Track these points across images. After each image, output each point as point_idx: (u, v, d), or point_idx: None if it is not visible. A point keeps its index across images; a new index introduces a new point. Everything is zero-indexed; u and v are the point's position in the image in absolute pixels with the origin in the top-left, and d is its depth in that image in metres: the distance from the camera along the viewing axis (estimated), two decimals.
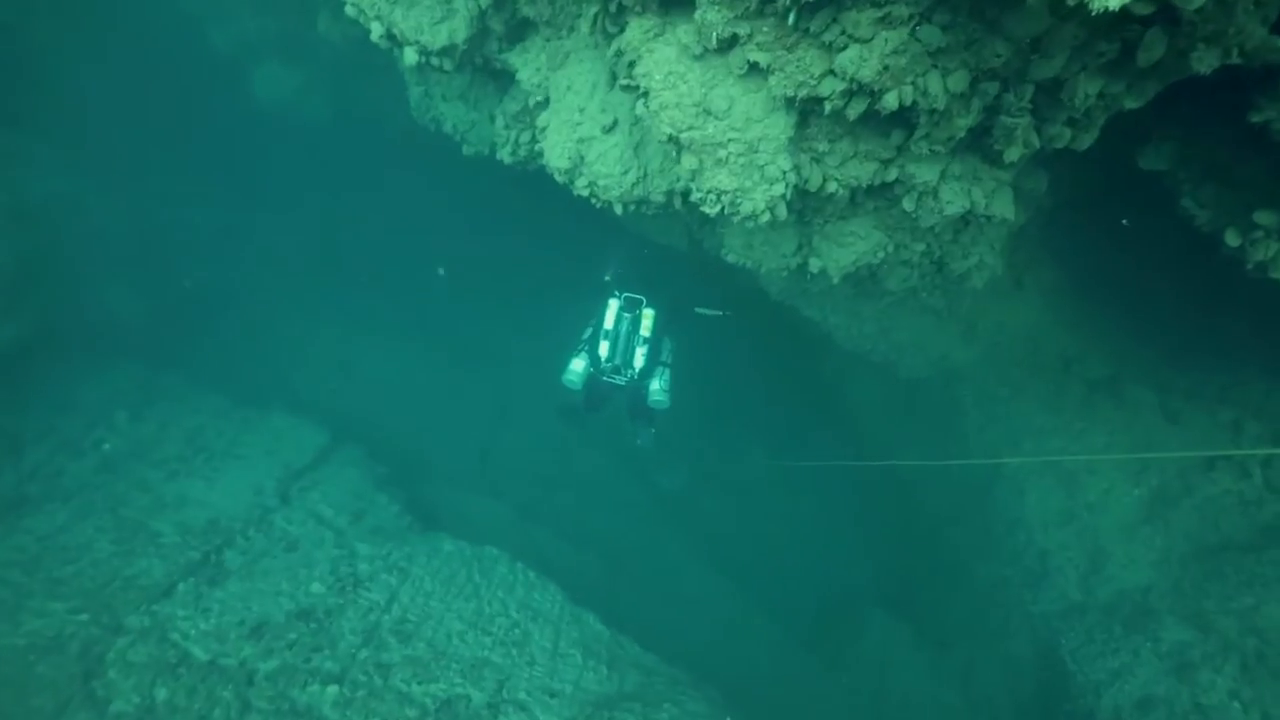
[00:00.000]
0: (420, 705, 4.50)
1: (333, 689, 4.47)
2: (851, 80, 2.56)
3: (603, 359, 4.99)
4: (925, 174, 3.07)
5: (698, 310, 5.21)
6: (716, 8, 2.67)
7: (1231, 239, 3.01)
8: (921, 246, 3.69)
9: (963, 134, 2.80)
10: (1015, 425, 6.71)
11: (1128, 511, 6.11)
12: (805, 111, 2.93)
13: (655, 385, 5.00)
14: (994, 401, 6.87)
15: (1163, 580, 5.73)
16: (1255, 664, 4.93)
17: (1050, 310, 6.26)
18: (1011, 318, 6.26)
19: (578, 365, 4.98)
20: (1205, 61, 2.33)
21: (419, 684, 4.62)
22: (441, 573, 5.59)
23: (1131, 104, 2.74)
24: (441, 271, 9.12)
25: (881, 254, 3.65)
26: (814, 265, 3.97)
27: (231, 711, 4.26)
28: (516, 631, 5.20)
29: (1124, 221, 4.18)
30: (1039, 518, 6.52)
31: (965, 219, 3.34)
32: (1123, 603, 5.81)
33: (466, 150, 5.67)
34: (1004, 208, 3.22)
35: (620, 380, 5.05)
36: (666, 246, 6.21)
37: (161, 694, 4.29)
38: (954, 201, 3.11)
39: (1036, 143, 2.88)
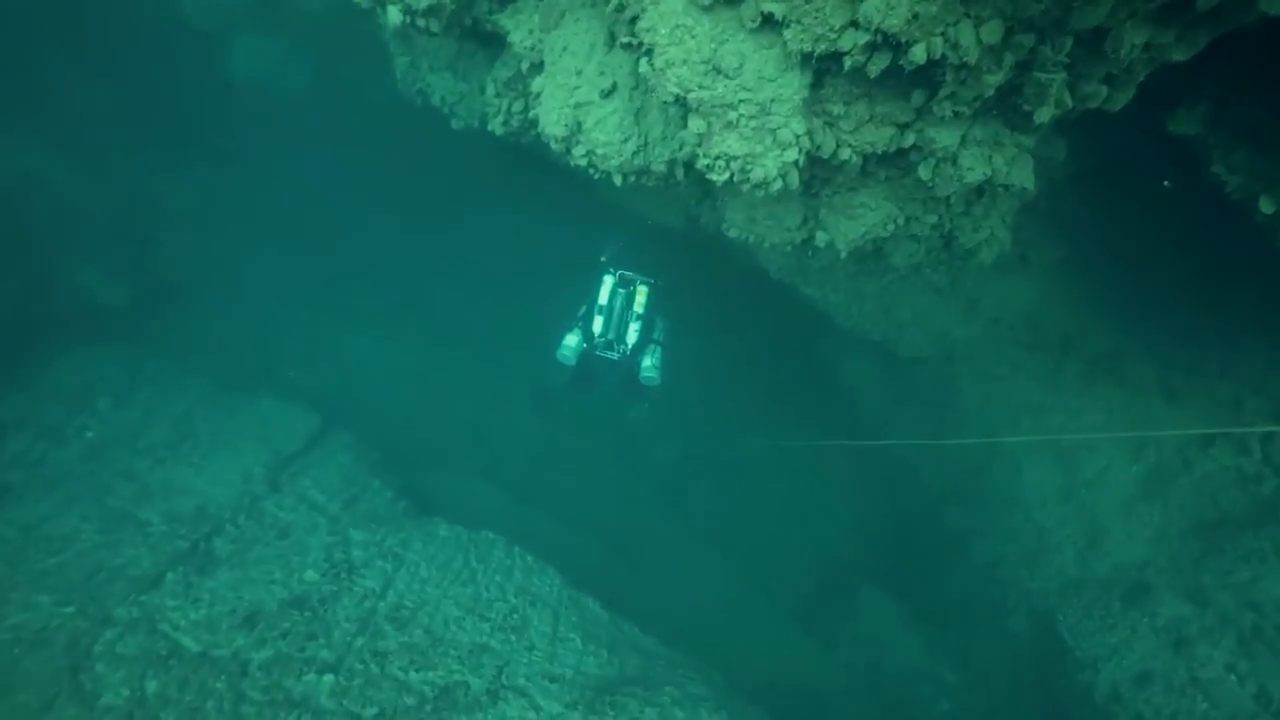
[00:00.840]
0: (418, 693, 4.42)
1: (329, 678, 4.38)
2: (876, 32, 2.37)
3: (596, 334, 5.05)
4: (945, 139, 2.91)
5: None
6: None
7: (1266, 206, 2.85)
8: (933, 219, 3.55)
9: (991, 93, 2.63)
10: (1014, 403, 6.67)
11: (1126, 488, 6.10)
12: (820, 70, 2.75)
13: (647, 362, 5.05)
14: (993, 379, 6.82)
15: (1160, 556, 5.74)
16: (1252, 638, 4.96)
17: (1053, 287, 6.18)
18: (1015, 294, 6.18)
19: (571, 340, 5.02)
20: (1276, 2, 2.12)
21: (417, 671, 4.54)
22: (437, 558, 5.49)
23: (1179, 56, 2.54)
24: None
25: (892, 226, 3.51)
26: (820, 239, 3.84)
27: (225, 703, 4.16)
28: (515, 616, 5.12)
29: (1165, 183, 4.04)
30: (1037, 495, 6.51)
31: (980, 189, 3.20)
32: (1120, 578, 5.82)
33: (456, 124, 5.45)
34: (1024, 177, 3.07)
35: (613, 355, 5.10)
36: (663, 225, 6.05)
37: (152, 686, 4.18)
38: (974, 169, 2.96)
39: (1069, 102, 2.70)
